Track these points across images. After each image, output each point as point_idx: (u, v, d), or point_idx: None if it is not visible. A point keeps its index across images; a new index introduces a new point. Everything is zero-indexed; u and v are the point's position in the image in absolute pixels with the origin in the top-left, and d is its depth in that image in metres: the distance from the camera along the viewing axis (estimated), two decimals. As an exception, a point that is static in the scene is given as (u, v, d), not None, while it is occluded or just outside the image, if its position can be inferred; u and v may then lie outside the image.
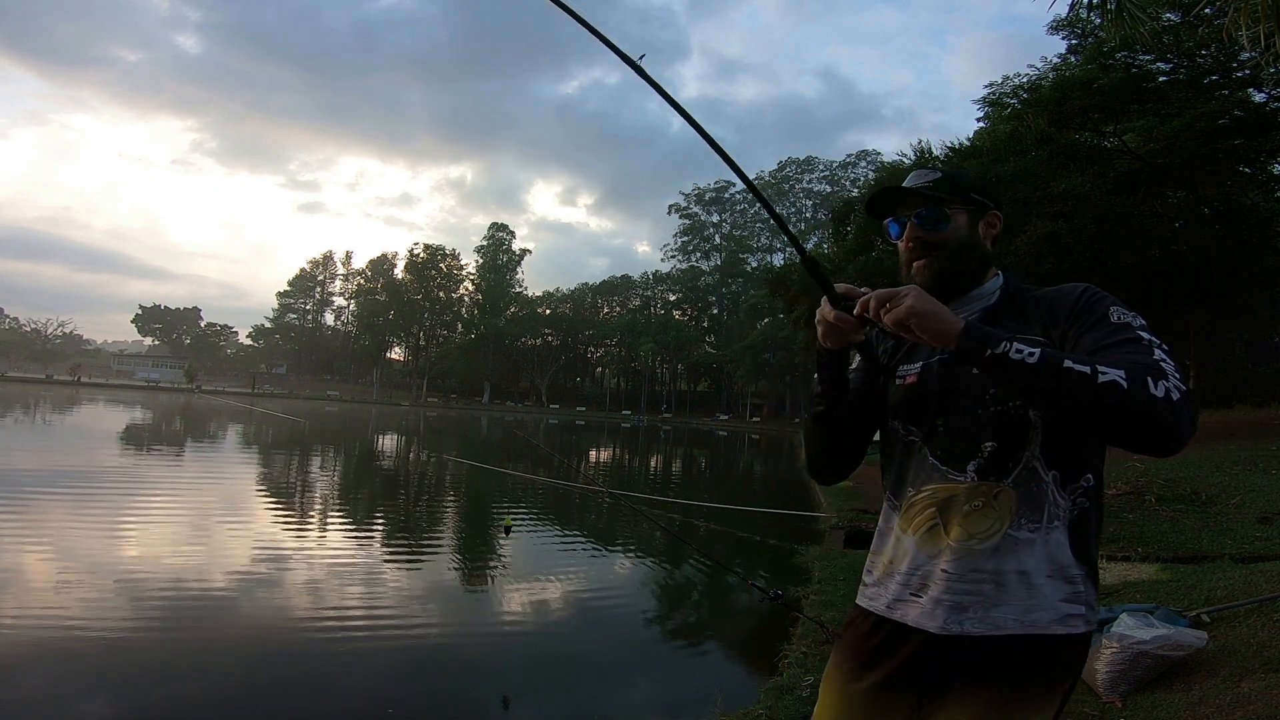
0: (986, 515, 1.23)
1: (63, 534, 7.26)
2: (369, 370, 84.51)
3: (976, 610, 1.21)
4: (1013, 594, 1.20)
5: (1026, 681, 1.19)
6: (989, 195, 1.36)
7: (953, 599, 1.22)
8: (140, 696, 4.00)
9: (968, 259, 1.33)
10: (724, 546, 9.19)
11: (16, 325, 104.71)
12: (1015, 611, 1.20)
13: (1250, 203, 16.25)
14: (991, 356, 1.10)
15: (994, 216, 1.37)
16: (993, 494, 1.23)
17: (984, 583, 1.21)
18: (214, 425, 28.40)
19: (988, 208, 1.36)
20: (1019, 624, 1.19)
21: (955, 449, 1.26)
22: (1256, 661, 3.19)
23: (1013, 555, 1.20)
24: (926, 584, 1.25)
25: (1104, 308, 1.20)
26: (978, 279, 1.34)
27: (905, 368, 1.36)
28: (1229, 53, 13.64)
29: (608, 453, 28.73)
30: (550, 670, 4.91)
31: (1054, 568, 1.20)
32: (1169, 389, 1.05)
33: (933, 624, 1.23)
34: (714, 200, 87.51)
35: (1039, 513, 1.21)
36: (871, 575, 1.37)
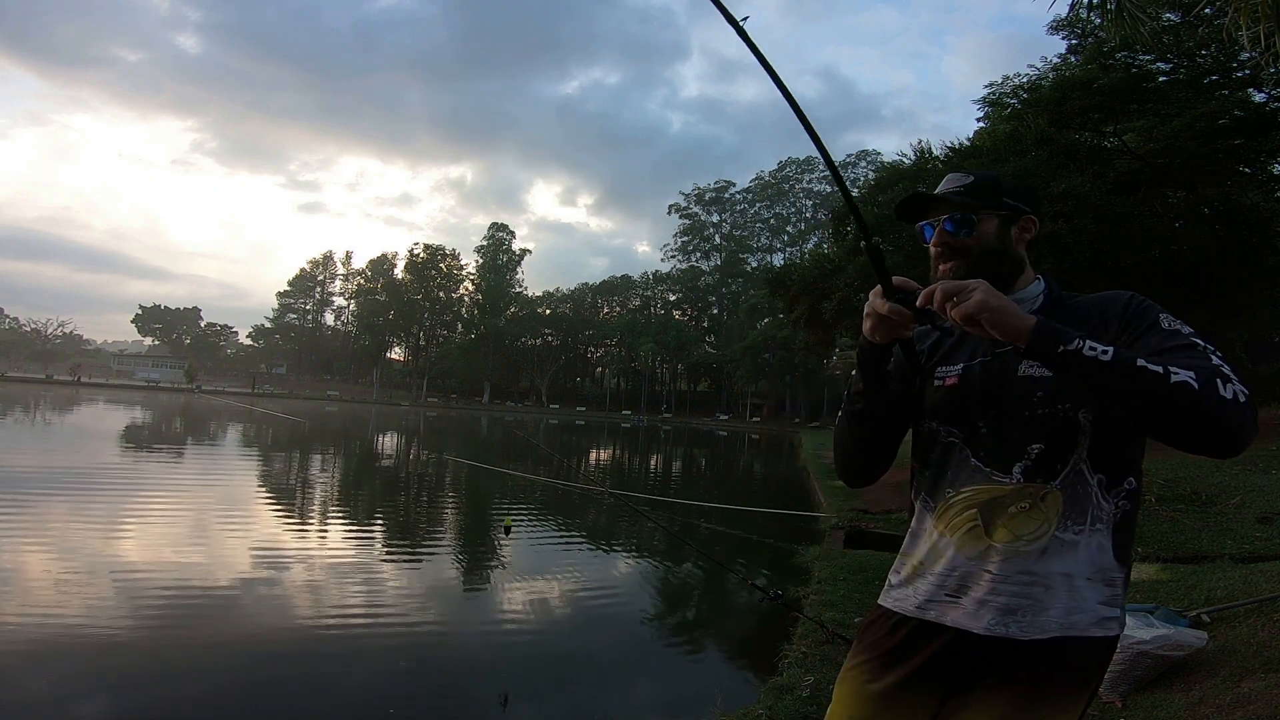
0: (1034, 517, 1.23)
1: (62, 534, 7.26)
2: (369, 370, 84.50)
3: (1025, 614, 1.21)
4: (1058, 597, 1.21)
5: (1058, 682, 1.20)
6: (1024, 200, 1.36)
7: (1000, 601, 1.22)
8: (141, 696, 4.00)
9: (996, 264, 1.31)
10: (724, 546, 9.19)
11: (16, 325, 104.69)
12: (1058, 614, 1.21)
13: (1250, 203, 16.23)
14: (1064, 353, 1.09)
15: (1028, 221, 1.36)
16: (1040, 496, 1.23)
17: (1033, 585, 1.22)
18: (214, 425, 28.40)
19: (1022, 212, 1.35)
20: (1059, 626, 1.20)
21: (999, 450, 1.26)
22: (1256, 661, 3.19)
23: (1059, 558, 1.21)
24: (967, 585, 1.25)
25: (1154, 315, 1.21)
26: (1010, 284, 1.32)
27: (944, 369, 1.35)
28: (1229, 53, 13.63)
29: (608, 453, 28.73)
30: (550, 670, 4.91)
31: (1095, 570, 1.21)
32: (1236, 392, 1.07)
33: (977, 625, 1.23)
34: (714, 200, 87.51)
35: (1084, 515, 1.22)
36: (899, 575, 1.37)
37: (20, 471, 11.85)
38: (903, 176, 18.07)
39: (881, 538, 8.36)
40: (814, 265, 18.01)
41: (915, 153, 18.47)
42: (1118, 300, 1.26)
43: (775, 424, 61.29)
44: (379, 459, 21.41)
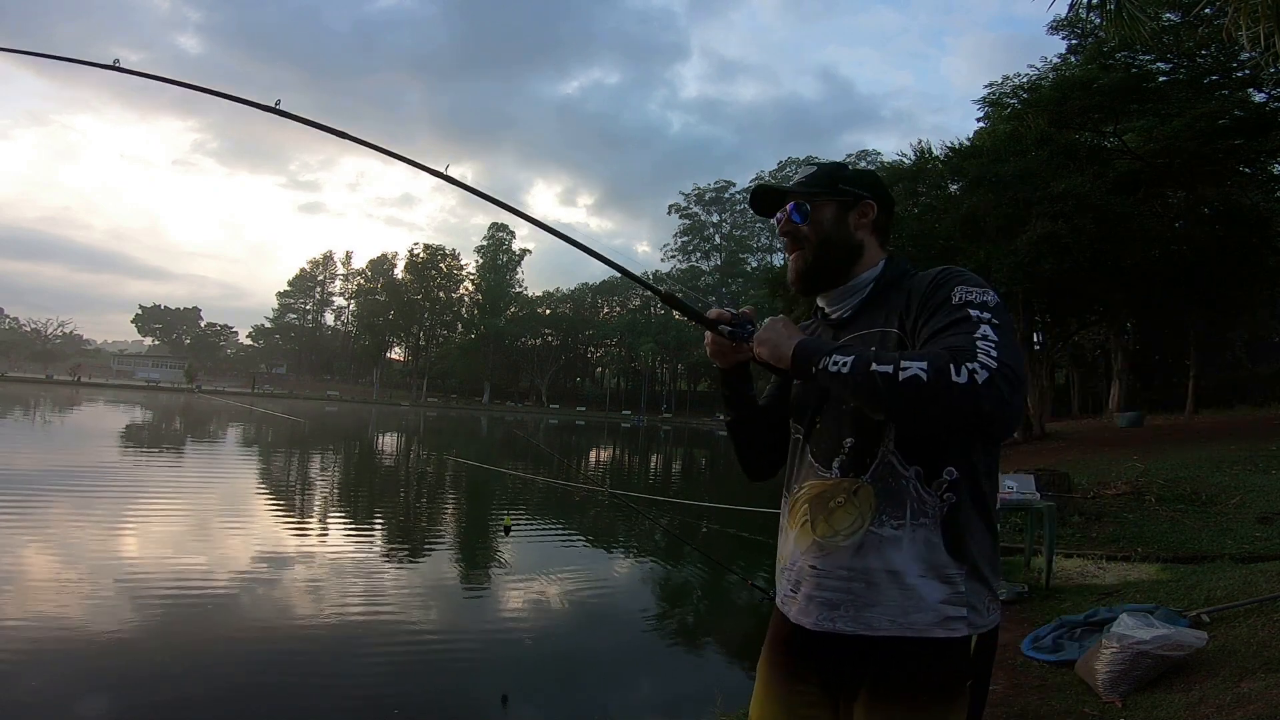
0: (849, 511, 1.22)
1: (63, 534, 7.26)
2: (369, 370, 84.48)
3: (848, 609, 1.20)
4: (885, 594, 1.17)
5: (919, 691, 1.17)
6: (863, 186, 1.36)
7: (822, 595, 1.23)
8: (142, 696, 4.00)
9: (834, 251, 1.34)
10: (724, 546, 9.19)
11: (16, 325, 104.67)
12: (891, 612, 1.17)
13: (1250, 203, 16.25)
14: (817, 373, 1.16)
15: (866, 205, 1.36)
16: (853, 490, 1.22)
17: (853, 580, 1.20)
18: (214, 425, 28.40)
19: (860, 198, 1.35)
20: (896, 625, 1.17)
21: (825, 445, 1.28)
22: (1256, 661, 3.19)
23: (878, 553, 1.18)
24: (800, 581, 1.27)
25: (949, 289, 1.18)
26: (849, 269, 1.35)
27: None
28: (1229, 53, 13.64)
29: (608, 453, 28.73)
30: (550, 670, 4.91)
31: (927, 567, 1.16)
32: (972, 370, 1.02)
33: (807, 620, 1.25)
34: (714, 200, 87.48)
35: (901, 509, 1.18)
36: (776, 571, 1.41)
37: (20, 472, 11.85)
38: (903, 176, 18.08)
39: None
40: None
41: (915, 152, 18.50)
42: (924, 279, 1.25)
43: (775, 424, 61.23)
44: (379, 459, 21.41)
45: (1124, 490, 8.09)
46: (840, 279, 1.35)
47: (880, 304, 1.30)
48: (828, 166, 1.40)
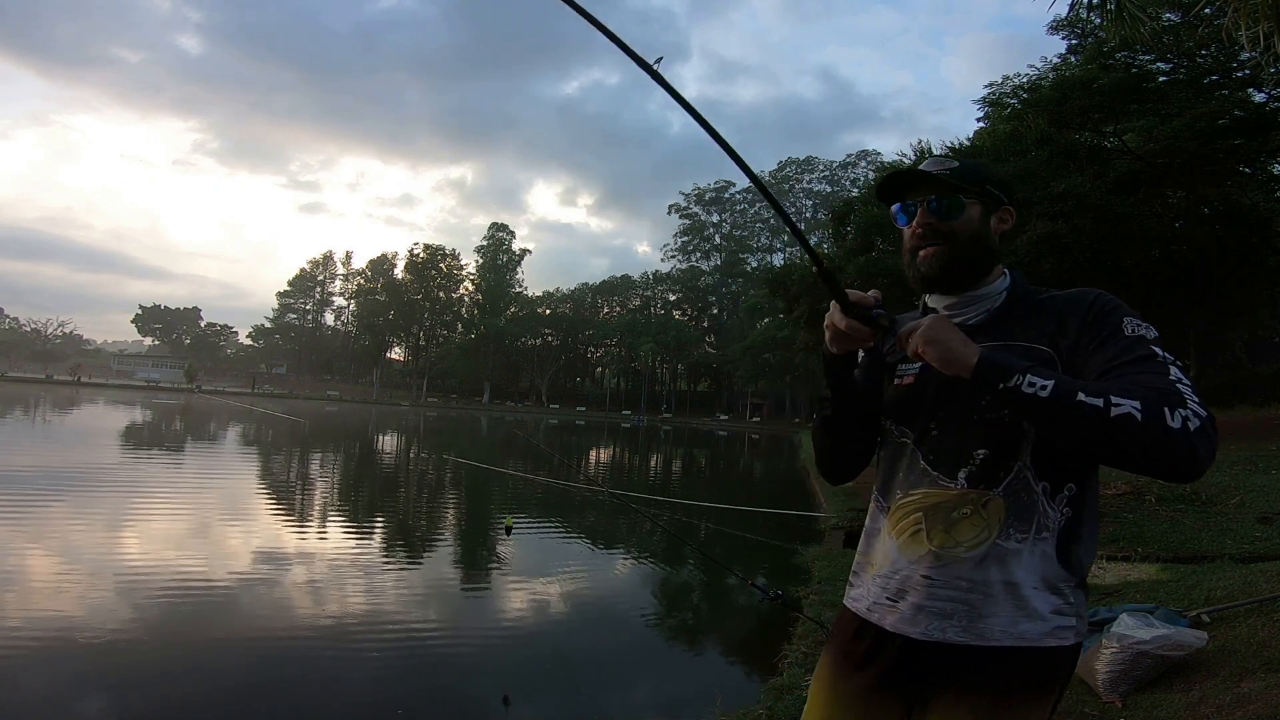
0: (974, 524, 1.20)
1: (63, 534, 7.26)
2: (369, 370, 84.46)
3: (961, 619, 1.18)
4: (1001, 605, 1.17)
5: (1016, 690, 1.18)
6: (1004, 189, 1.32)
7: (935, 605, 1.20)
8: (143, 695, 4.00)
9: (977, 252, 1.28)
10: (724, 546, 9.19)
11: (16, 325, 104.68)
12: (1004, 623, 1.17)
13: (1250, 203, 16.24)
14: (1004, 390, 1.09)
15: (1006, 212, 1.32)
16: (982, 502, 1.19)
17: (971, 591, 1.18)
18: (214, 426, 28.40)
19: (1001, 202, 1.31)
20: (1008, 635, 1.17)
21: (948, 454, 1.23)
22: (1256, 661, 3.19)
23: (1000, 565, 1.18)
24: (905, 590, 1.23)
25: (1116, 319, 1.16)
26: (983, 274, 1.30)
27: (904, 367, 1.33)
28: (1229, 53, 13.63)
29: (608, 453, 28.73)
30: (551, 670, 4.91)
31: (1042, 579, 1.18)
32: (1186, 418, 1.01)
33: (914, 630, 1.21)
34: (714, 200, 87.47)
35: (1028, 523, 1.18)
36: (856, 576, 1.35)
37: (20, 472, 11.84)
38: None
39: (881, 538, 8.34)
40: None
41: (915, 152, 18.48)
42: (1081, 301, 1.21)
43: (775, 424, 61.26)
44: (379, 459, 21.41)
45: (1124, 490, 8.09)
46: (973, 283, 1.29)
47: (1017, 316, 1.26)
48: (972, 163, 1.33)
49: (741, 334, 69.77)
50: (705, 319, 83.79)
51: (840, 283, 1.24)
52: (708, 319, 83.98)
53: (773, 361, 60.64)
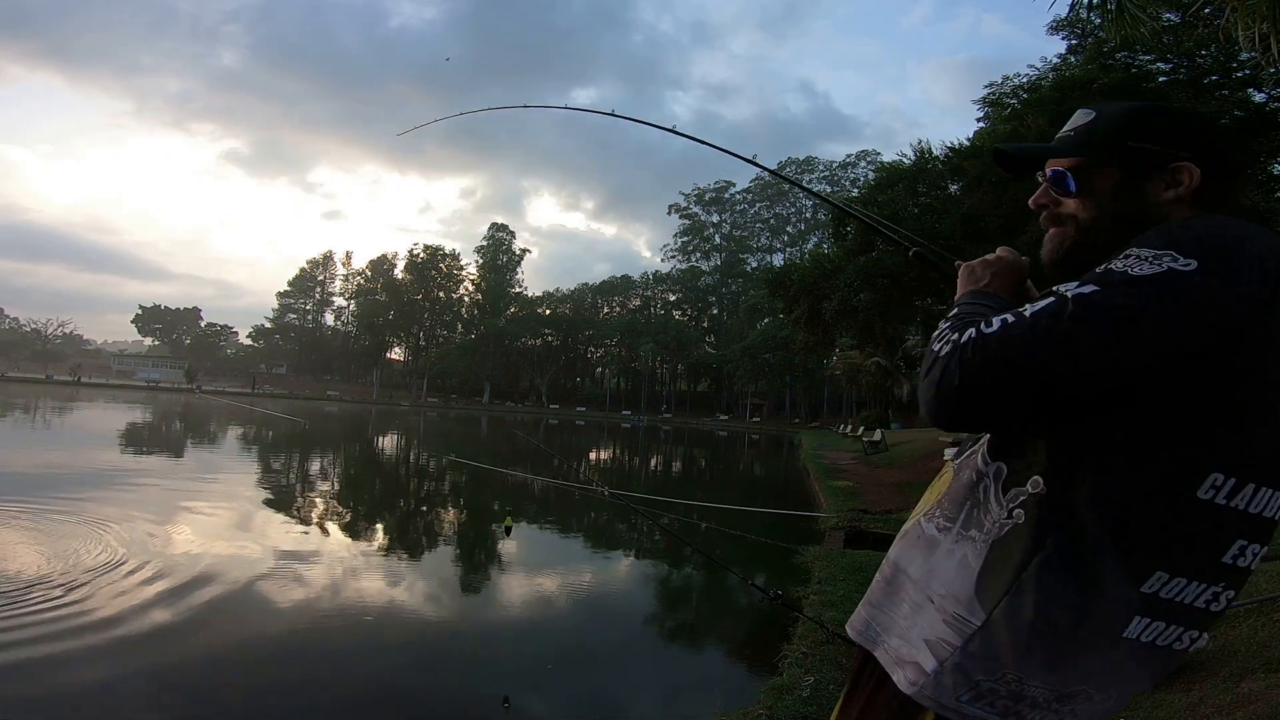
0: (928, 496, 1.00)
1: (67, 534, 7.25)
2: (369, 370, 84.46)
3: (867, 605, 1.00)
4: (894, 600, 0.95)
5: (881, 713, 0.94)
6: (1173, 139, 0.92)
7: (876, 579, 1.02)
8: (142, 695, 4.00)
9: (1111, 230, 0.93)
10: (724, 546, 9.19)
11: (16, 325, 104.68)
12: (887, 625, 0.95)
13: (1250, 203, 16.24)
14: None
15: (1181, 169, 0.91)
16: (941, 474, 1.01)
17: (884, 571, 0.99)
18: (215, 426, 28.40)
19: (1166, 159, 0.91)
20: (884, 649, 0.94)
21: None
22: (1256, 661, 3.19)
23: (911, 550, 0.95)
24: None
25: (1121, 254, 0.84)
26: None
27: None
28: (1229, 53, 13.64)
29: (608, 453, 28.73)
30: (550, 670, 4.91)
31: (940, 592, 0.88)
32: (946, 341, 0.83)
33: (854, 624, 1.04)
34: (714, 200, 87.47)
35: (958, 509, 0.91)
36: None
37: (20, 472, 11.84)
38: (903, 176, 18.07)
39: (881, 538, 8.35)
40: (814, 265, 18.01)
41: (915, 152, 18.45)
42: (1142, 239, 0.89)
43: (775, 424, 61.26)
44: (380, 459, 21.42)
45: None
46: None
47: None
48: (1116, 115, 0.96)
49: (741, 334, 69.80)
50: (705, 319, 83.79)
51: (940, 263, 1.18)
52: (708, 319, 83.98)
53: (772, 361, 60.65)
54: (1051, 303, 0.80)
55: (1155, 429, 0.80)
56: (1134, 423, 0.80)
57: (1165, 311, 0.76)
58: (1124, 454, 0.80)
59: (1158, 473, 0.80)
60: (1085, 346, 0.77)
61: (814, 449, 24.87)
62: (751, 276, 76.58)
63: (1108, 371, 0.78)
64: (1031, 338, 0.78)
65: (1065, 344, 0.77)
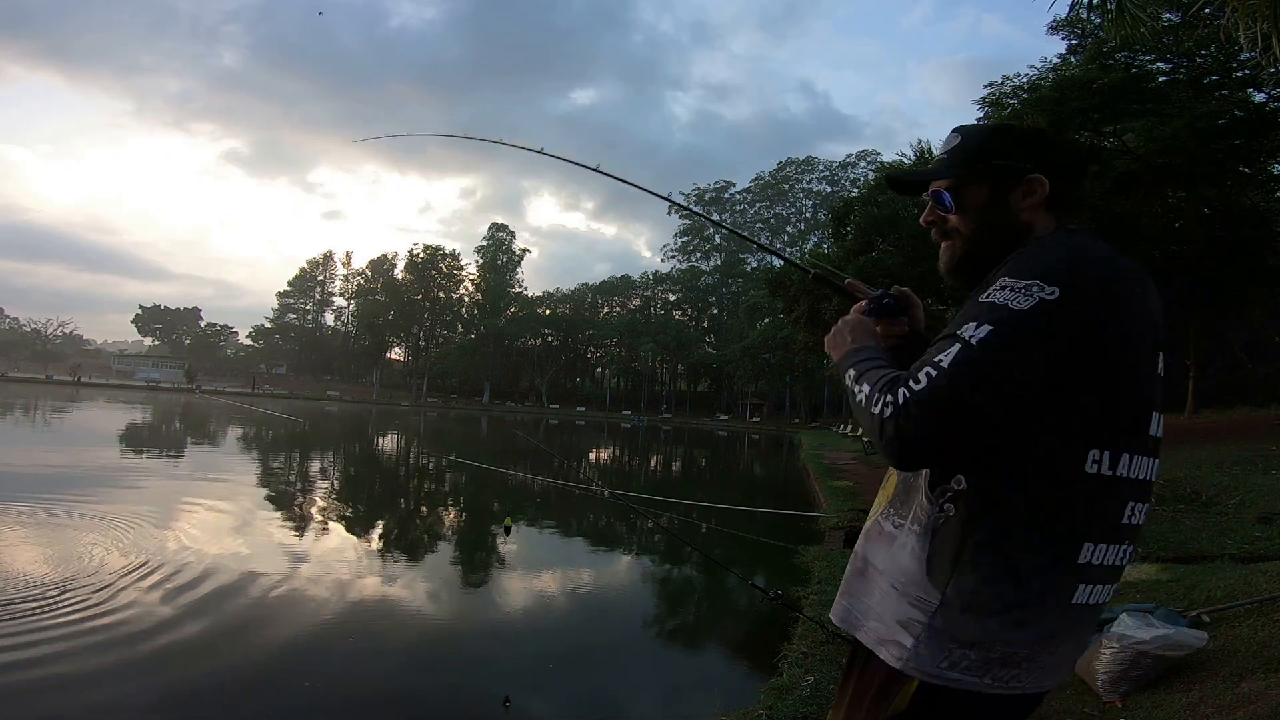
0: (880, 498, 1.17)
1: (68, 534, 7.25)
2: (369, 370, 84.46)
3: (845, 595, 1.16)
4: (867, 587, 1.11)
5: (856, 702, 1.10)
6: (1025, 155, 1.10)
7: (847, 573, 1.19)
8: (142, 694, 4.00)
9: (990, 239, 1.11)
10: (724, 546, 9.19)
11: (16, 325, 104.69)
12: (863, 610, 1.11)
13: (1250, 203, 16.26)
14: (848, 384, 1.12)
15: (1033, 182, 1.09)
16: (887, 477, 1.17)
17: (854, 564, 1.16)
18: (215, 426, 28.41)
19: (1022, 172, 1.09)
20: (865, 632, 1.10)
21: None
22: (1256, 661, 3.19)
23: (874, 544, 1.12)
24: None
25: (994, 281, 1.00)
26: (1002, 258, 1.08)
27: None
28: (1229, 53, 13.65)
29: (608, 453, 28.73)
30: (550, 670, 4.91)
31: (901, 579, 1.04)
32: (885, 404, 0.97)
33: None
34: (714, 200, 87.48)
35: (906, 509, 1.08)
36: None
37: (18, 472, 11.84)
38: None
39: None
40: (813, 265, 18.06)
41: (915, 152, 18.47)
42: (1010, 261, 1.04)
43: (775, 424, 61.27)
44: (380, 459, 21.42)
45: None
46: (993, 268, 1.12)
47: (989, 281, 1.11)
48: (978, 136, 1.15)
49: (741, 334, 69.79)
50: (705, 319, 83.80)
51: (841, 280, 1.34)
52: (708, 319, 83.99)
53: (772, 361, 60.64)
54: (959, 350, 0.95)
55: (1045, 424, 0.97)
56: (1029, 422, 0.97)
57: (1044, 338, 0.94)
58: (1024, 446, 0.98)
59: (1052, 457, 0.98)
60: (996, 378, 0.93)
61: (814, 449, 24.87)
62: (751, 276, 76.58)
63: (1017, 392, 0.94)
64: (955, 384, 0.93)
65: (982, 382, 0.93)
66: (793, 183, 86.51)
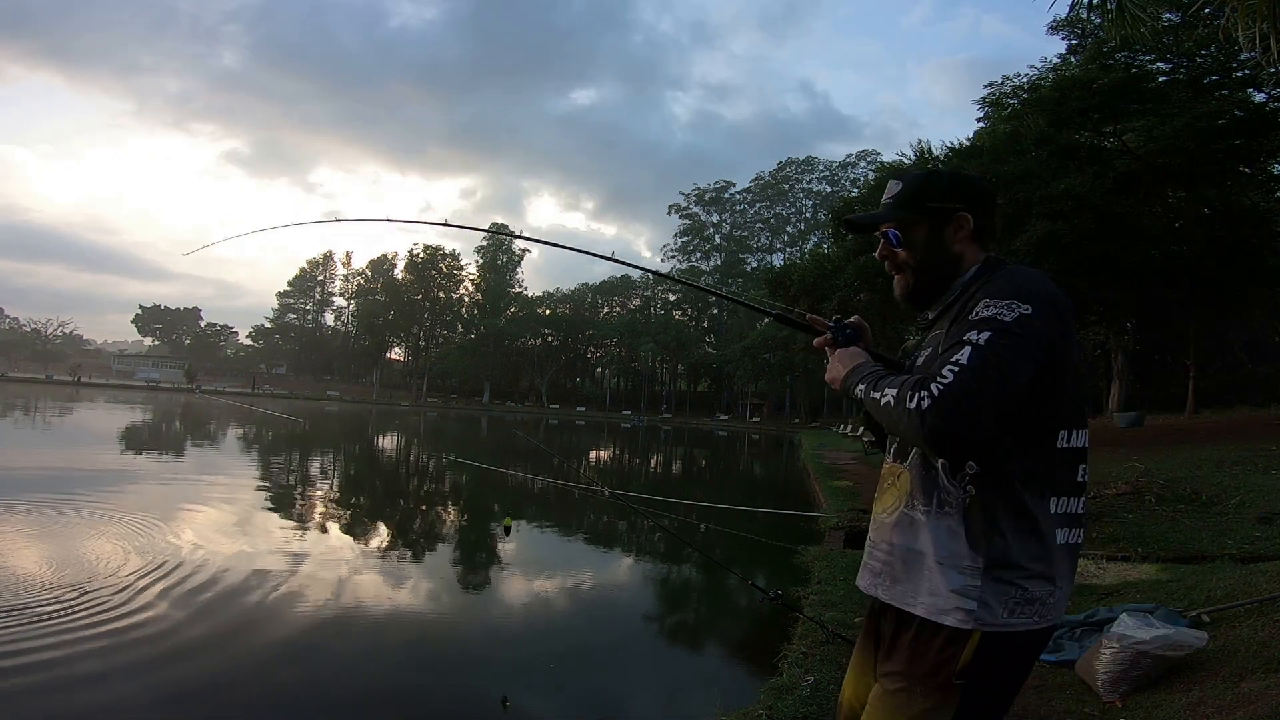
0: (891, 493, 1.37)
1: (69, 533, 7.26)
2: (369, 370, 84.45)
3: (886, 579, 1.33)
4: (911, 572, 1.29)
5: (913, 671, 1.26)
6: (954, 197, 1.38)
7: (871, 563, 1.38)
8: (140, 692, 3.99)
9: (934, 269, 1.39)
10: (724, 546, 9.19)
11: (16, 325, 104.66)
12: (915, 590, 1.28)
13: (1250, 203, 16.25)
14: (856, 397, 1.33)
15: (961, 218, 1.37)
16: (897, 474, 1.36)
17: (891, 555, 1.33)
18: (215, 426, 28.41)
19: (951, 212, 1.37)
20: (920, 605, 1.26)
21: (891, 435, 1.43)
22: (1256, 661, 3.19)
23: (909, 533, 1.30)
24: (872, 551, 1.42)
25: (979, 302, 1.23)
26: (951, 281, 1.38)
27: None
28: (1229, 53, 13.65)
29: (608, 453, 28.73)
30: (550, 670, 4.91)
31: (947, 554, 1.24)
32: (921, 398, 1.15)
33: (861, 583, 1.41)
34: (714, 200, 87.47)
35: (930, 497, 1.27)
36: None
37: (19, 472, 11.84)
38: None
39: (881, 538, 8.34)
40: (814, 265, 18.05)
41: (915, 153, 18.46)
42: (981, 284, 1.29)
43: (775, 424, 61.25)
44: (380, 459, 21.42)
45: (1124, 490, 8.09)
46: (941, 294, 1.40)
47: (950, 305, 1.36)
48: (915, 182, 1.41)
49: (741, 334, 69.76)
50: (705, 319, 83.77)
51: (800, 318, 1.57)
52: (708, 319, 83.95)
53: (772, 361, 60.64)
54: (970, 351, 1.16)
55: (1028, 414, 1.22)
56: (1024, 408, 1.20)
57: (1032, 340, 1.18)
58: (1016, 429, 1.21)
59: (1039, 439, 1.24)
60: (1010, 369, 1.16)
61: (814, 449, 24.86)
62: (751, 276, 76.57)
63: (1022, 383, 1.17)
64: (976, 375, 1.15)
65: (999, 372, 1.15)
66: (793, 183, 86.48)
